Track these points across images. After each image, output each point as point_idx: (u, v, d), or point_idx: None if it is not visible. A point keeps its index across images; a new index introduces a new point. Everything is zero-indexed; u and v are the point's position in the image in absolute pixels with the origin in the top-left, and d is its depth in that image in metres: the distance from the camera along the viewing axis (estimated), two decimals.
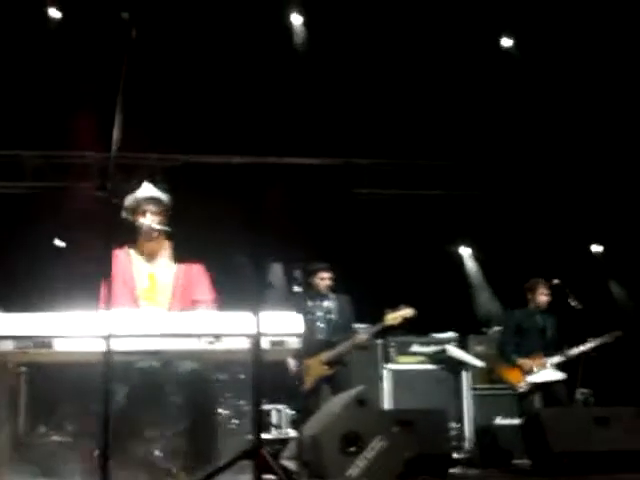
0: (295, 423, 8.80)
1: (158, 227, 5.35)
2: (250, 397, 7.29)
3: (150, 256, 5.47)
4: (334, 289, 8.45)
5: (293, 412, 9.04)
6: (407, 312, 8.17)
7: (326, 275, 8.33)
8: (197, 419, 5.23)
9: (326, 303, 8.36)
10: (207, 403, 5.38)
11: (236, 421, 7.83)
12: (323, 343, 8.20)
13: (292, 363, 7.95)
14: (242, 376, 7.75)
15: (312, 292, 8.31)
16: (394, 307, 8.18)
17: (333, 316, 8.31)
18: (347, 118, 10.63)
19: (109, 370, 3.71)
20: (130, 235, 5.39)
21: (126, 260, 5.42)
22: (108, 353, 3.64)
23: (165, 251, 5.45)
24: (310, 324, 8.18)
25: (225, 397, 7.88)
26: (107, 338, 3.68)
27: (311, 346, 8.09)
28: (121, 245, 5.43)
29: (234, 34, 9.84)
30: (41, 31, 10.34)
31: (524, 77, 10.85)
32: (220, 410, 7.95)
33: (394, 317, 8.13)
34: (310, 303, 8.29)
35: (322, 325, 8.28)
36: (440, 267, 11.81)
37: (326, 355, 8.13)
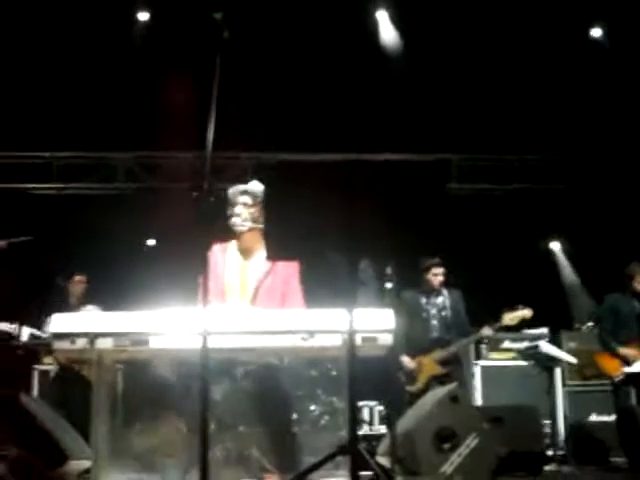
0: (386, 419, 8.79)
1: (246, 224, 5.39)
2: (341, 393, 7.37)
3: (246, 251, 5.48)
4: (446, 284, 8.29)
5: (384, 408, 9.04)
6: (525, 313, 7.99)
7: (439, 271, 8.14)
8: (273, 418, 5.26)
9: (440, 299, 8.19)
10: (281, 403, 5.38)
11: (327, 417, 7.89)
12: (437, 341, 8.08)
13: (405, 360, 7.92)
14: (334, 372, 7.82)
15: (426, 288, 8.20)
16: (511, 307, 8.01)
17: (446, 313, 8.17)
18: (438, 114, 10.59)
19: (206, 367, 3.74)
20: (230, 231, 5.45)
21: (221, 256, 5.47)
22: (205, 350, 3.67)
23: (262, 247, 5.48)
24: (424, 322, 8.12)
25: (317, 393, 7.94)
26: (204, 335, 3.71)
27: (425, 344, 8.04)
28: (222, 241, 5.48)
29: (325, 33, 9.88)
30: (130, 33, 10.55)
31: (613, 69, 10.66)
32: (312, 406, 8.03)
33: (512, 317, 7.96)
34: (424, 300, 8.17)
35: (436, 322, 8.14)
36: (532, 262, 11.68)
37: (440, 354, 7.99)
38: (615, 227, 11.21)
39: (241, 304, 5.31)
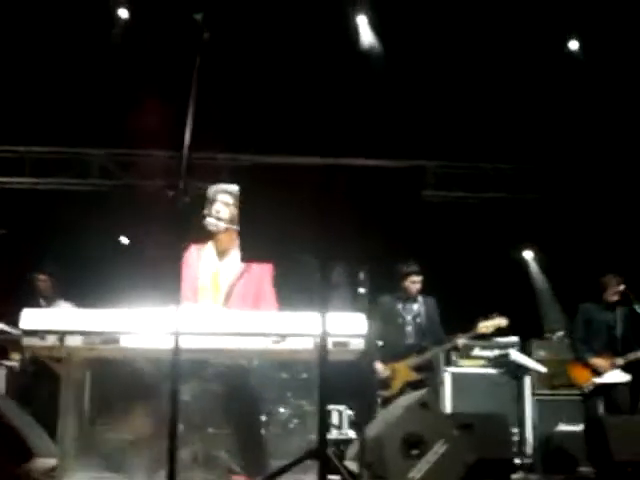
0: (355, 424, 8.81)
1: (222, 222, 5.38)
2: (311, 397, 7.36)
3: (221, 252, 5.49)
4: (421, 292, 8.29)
5: (353, 413, 9.05)
6: (500, 322, 8.02)
7: (417, 278, 8.12)
8: (242, 420, 5.25)
9: (415, 306, 8.19)
10: (249, 404, 5.37)
11: (296, 420, 7.88)
12: (412, 347, 8.09)
13: (379, 367, 7.91)
14: (304, 375, 7.81)
15: (402, 295, 8.21)
16: (486, 315, 8.04)
17: (421, 319, 8.18)
18: (414, 120, 10.62)
19: (176, 367, 3.72)
20: (206, 231, 5.43)
21: (196, 256, 5.46)
22: (176, 350, 3.66)
23: (237, 248, 5.46)
24: (399, 328, 8.12)
25: (286, 396, 7.93)
26: (175, 335, 3.70)
27: (400, 350, 8.04)
28: (197, 241, 5.47)
29: (304, 36, 9.88)
30: (109, 30, 10.50)
31: (588, 81, 10.73)
32: (281, 409, 8.02)
33: (487, 325, 7.98)
34: (400, 306, 8.18)
35: (410, 329, 8.15)
36: (503, 271, 11.73)
37: (415, 360, 7.99)
38: (588, 237, 11.29)
39: (214, 305, 5.30)
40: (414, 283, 8.14)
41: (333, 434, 9.04)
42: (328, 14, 10.11)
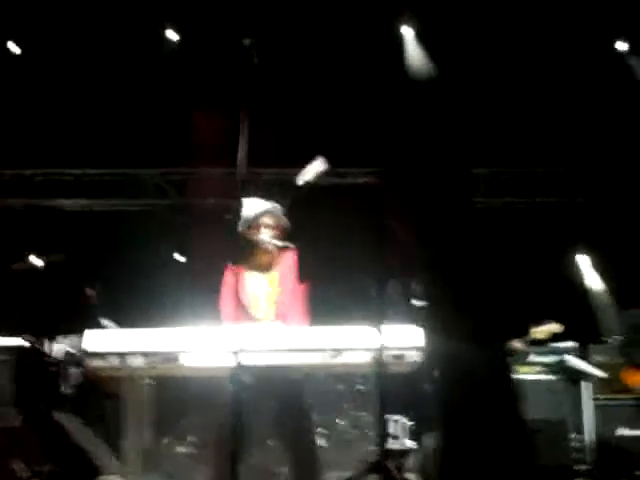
0: (414, 434, 8.80)
1: (272, 241, 5.41)
2: (368, 408, 7.40)
3: (261, 270, 5.49)
4: None
5: (411, 423, 9.05)
6: (554, 327, 8.00)
7: None
8: (294, 434, 5.29)
9: None
10: (303, 417, 5.41)
11: (353, 432, 7.91)
12: None
13: None
14: (361, 387, 7.85)
15: None
16: (537, 321, 8.02)
17: None
18: (465, 128, 10.62)
19: (237, 384, 3.79)
20: (245, 249, 5.47)
21: (239, 274, 5.49)
22: (238, 367, 3.73)
23: (279, 263, 5.50)
24: None
25: (343, 408, 7.97)
26: (236, 353, 3.77)
27: None
28: (236, 260, 5.51)
29: (352, 50, 9.94)
30: (160, 51, 10.65)
31: (636, 83, 10.65)
32: (338, 421, 8.06)
33: (540, 331, 7.96)
34: None
35: None
36: (559, 275, 11.66)
37: None
38: None
39: (265, 320, 5.34)
40: None
41: (391, 444, 9.03)
42: (373, 25, 10.17)
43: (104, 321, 8.42)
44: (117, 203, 11.78)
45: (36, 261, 7.88)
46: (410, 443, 8.79)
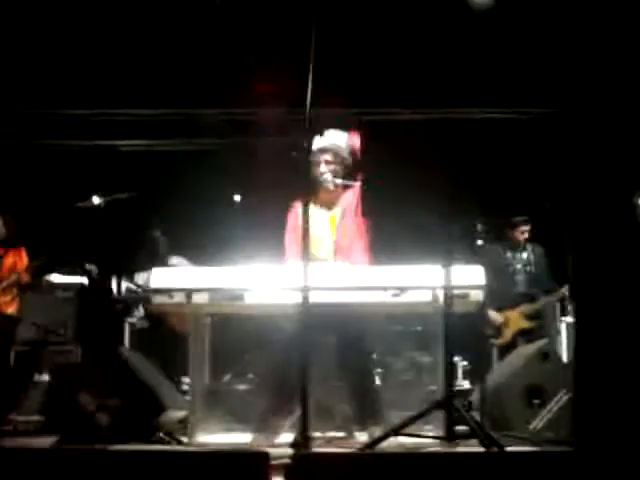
0: (471, 374, 8.82)
1: (330, 179, 5.36)
2: (426, 349, 7.41)
3: (326, 207, 5.45)
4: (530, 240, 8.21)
5: (467, 363, 9.06)
6: None
7: (526, 228, 8.06)
8: (356, 372, 5.31)
9: (525, 255, 8.13)
10: (364, 357, 5.43)
11: (411, 373, 7.94)
12: (523, 296, 8.07)
13: (493, 315, 7.90)
14: (419, 328, 7.87)
15: (511, 244, 8.14)
16: None
17: (531, 268, 8.15)
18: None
19: (305, 322, 3.81)
20: (310, 187, 5.40)
21: (303, 212, 5.45)
22: (305, 305, 3.74)
23: (341, 200, 5.45)
24: (509, 276, 8.09)
25: (401, 349, 8.00)
26: (304, 290, 3.77)
27: (511, 298, 8.02)
28: (302, 197, 5.47)
29: None
30: None
31: None
32: (396, 362, 8.09)
33: None
34: (509, 255, 8.14)
35: (521, 277, 8.10)
36: (617, 217, 11.48)
37: (527, 308, 7.97)
38: None
39: (327, 259, 5.32)
40: (523, 233, 8.09)
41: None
42: None
43: (174, 259, 8.51)
44: (176, 143, 11.78)
45: (100, 200, 7.94)
46: (466, 383, 8.83)
